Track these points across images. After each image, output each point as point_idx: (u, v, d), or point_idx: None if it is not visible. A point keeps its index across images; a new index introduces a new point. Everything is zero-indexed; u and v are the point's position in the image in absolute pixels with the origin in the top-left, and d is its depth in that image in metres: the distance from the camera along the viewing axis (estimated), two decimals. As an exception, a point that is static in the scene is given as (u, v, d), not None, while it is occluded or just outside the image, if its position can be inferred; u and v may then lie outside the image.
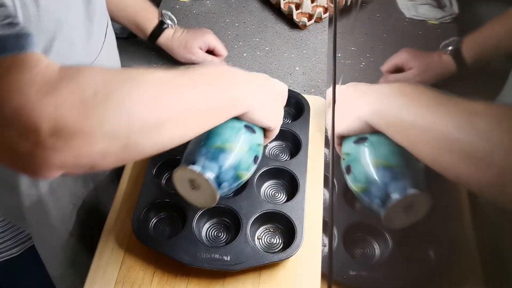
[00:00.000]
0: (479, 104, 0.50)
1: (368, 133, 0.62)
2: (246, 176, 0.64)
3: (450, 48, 0.76)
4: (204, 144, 0.62)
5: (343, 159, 0.64)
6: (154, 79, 0.50)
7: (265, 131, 0.67)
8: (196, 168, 0.59)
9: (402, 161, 0.59)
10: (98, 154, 0.44)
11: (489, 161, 0.46)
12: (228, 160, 0.61)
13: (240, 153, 0.63)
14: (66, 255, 0.82)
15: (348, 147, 0.64)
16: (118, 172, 0.85)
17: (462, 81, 0.75)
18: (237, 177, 0.63)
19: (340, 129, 0.65)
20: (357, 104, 0.62)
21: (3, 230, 0.77)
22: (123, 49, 0.83)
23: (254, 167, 0.66)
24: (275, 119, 0.67)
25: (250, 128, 0.65)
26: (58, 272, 0.84)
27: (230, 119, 0.62)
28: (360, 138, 0.63)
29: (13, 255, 0.80)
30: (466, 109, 0.51)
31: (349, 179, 0.62)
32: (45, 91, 0.41)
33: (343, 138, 0.66)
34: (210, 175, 0.59)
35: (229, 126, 0.63)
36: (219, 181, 0.60)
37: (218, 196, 0.60)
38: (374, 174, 0.59)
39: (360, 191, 0.61)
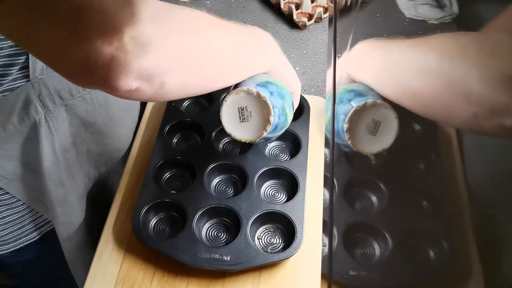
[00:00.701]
0: (434, 35, 0.56)
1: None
2: (289, 114, 0.69)
3: None
4: (248, 80, 0.64)
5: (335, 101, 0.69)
6: (196, 15, 0.59)
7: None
8: (251, 87, 0.61)
9: (369, 91, 0.63)
10: (169, 64, 0.49)
11: (448, 72, 0.50)
12: (275, 90, 0.65)
13: (283, 89, 0.67)
14: (81, 234, 0.86)
15: (340, 92, 0.69)
16: (126, 160, 0.86)
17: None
18: (283, 110, 0.66)
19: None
20: (343, 61, 0.69)
21: (23, 214, 0.79)
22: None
23: (291, 115, 0.71)
24: (298, 80, 0.75)
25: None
26: (74, 253, 0.87)
27: (262, 74, 0.67)
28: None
29: (31, 240, 0.82)
30: (424, 38, 0.56)
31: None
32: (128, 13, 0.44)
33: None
34: (263, 93, 0.61)
35: (265, 75, 0.67)
36: (272, 104, 0.62)
37: (271, 119, 0.62)
38: (342, 97, 0.63)
39: (329, 120, 0.64)
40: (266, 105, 0.62)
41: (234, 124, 0.64)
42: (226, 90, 0.67)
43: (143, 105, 0.95)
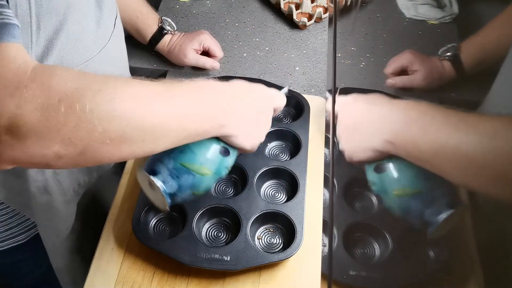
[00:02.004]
0: (495, 121, 0.49)
1: (385, 159, 0.60)
2: (201, 194, 0.66)
3: (448, 54, 0.76)
4: (173, 157, 0.61)
5: (370, 186, 0.63)
6: (132, 92, 0.50)
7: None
8: (156, 180, 0.60)
9: (429, 183, 0.57)
10: (51, 156, 0.46)
11: None
12: (190, 182, 0.62)
13: (205, 177, 0.63)
14: (71, 244, 0.83)
15: (370, 175, 0.62)
16: (122, 164, 0.86)
17: (463, 83, 0.75)
18: (192, 195, 0.64)
19: (354, 157, 0.62)
20: (370, 132, 0.59)
21: (9, 216, 0.78)
22: (123, 49, 0.83)
23: (212, 186, 0.68)
24: (255, 142, 0.66)
25: (225, 151, 0.64)
26: (62, 263, 0.85)
27: (207, 139, 0.61)
28: (379, 165, 0.61)
29: (19, 242, 0.81)
30: (486, 129, 0.49)
31: (384, 203, 0.62)
32: (11, 89, 0.43)
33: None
34: (167, 189, 0.60)
35: (205, 146, 0.62)
36: (174, 197, 0.61)
37: (167, 209, 0.62)
38: (407, 203, 0.58)
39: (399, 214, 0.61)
40: (164, 201, 0.61)
41: (146, 188, 0.64)
42: None
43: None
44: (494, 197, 0.50)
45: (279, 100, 0.68)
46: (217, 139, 0.62)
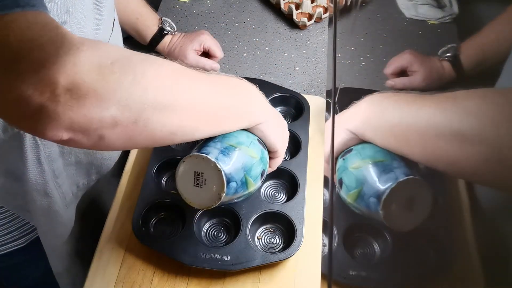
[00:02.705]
0: (457, 92, 0.51)
1: (353, 145, 0.62)
2: (252, 186, 0.64)
3: (448, 54, 0.76)
4: (218, 140, 0.61)
5: (336, 178, 0.62)
6: (173, 66, 0.52)
7: (270, 159, 0.69)
8: (210, 157, 0.57)
9: (390, 156, 0.58)
10: (108, 121, 0.45)
11: (481, 137, 0.45)
12: (241, 160, 0.61)
13: (252, 159, 0.63)
14: (70, 247, 0.83)
15: (338, 164, 0.63)
16: (121, 167, 0.85)
17: (463, 83, 0.75)
18: (245, 182, 0.61)
19: (334, 147, 0.64)
20: (342, 119, 0.63)
21: (9, 220, 0.78)
22: (123, 49, 0.83)
23: (260, 183, 0.65)
24: (283, 143, 0.69)
25: (260, 142, 0.66)
26: (62, 266, 0.85)
27: (242, 130, 0.64)
28: (346, 151, 0.63)
29: (19, 246, 0.81)
30: (448, 96, 0.51)
31: (343, 194, 0.61)
32: (66, 49, 0.43)
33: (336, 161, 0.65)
34: (223, 166, 0.57)
35: (243, 134, 0.64)
36: (229, 178, 0.58)
37: (223, 194, 0.57)
38: (363, 172, 0.58)
39: (354, 199, 0.59)
40: (221, 178, 0.57)
41: (187, 186, 0.59)
42: None
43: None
44: (450, 161, 0.51)
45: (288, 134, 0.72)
46: (251, 133, 0.65)
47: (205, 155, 0.57)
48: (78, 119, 0.44)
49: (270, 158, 0.69)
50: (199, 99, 0.54)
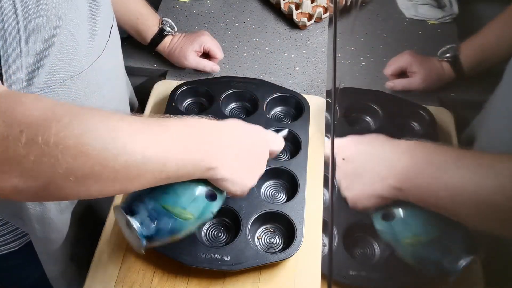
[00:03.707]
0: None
1: (393, 206, 0.55)
2: (179, 238, 0.61)
3: (448, 55, 0.76)
4: (154, 197, 0.57)
5: (379, 233, 0.58)
6: (108, 124, 0.46)
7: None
8: (134, 222, 0.56)
9: (442, 228, 0.53)
10: (9, 190, 0.43)
11: None
12: (169, 226, 0.58)
13: (187, 221, 0.59)
14: (65, 252, 0.82)
15: (377, 223, 0.58)
16: None
17: (463, 85, 0.75)
18: (170, 238, 0.60)
19: (358, 204, 0.58)
20: (373, 178, 0.55)
21: (2, 224, 0.77)
22: (123, 49, 0.83)
23: (193, 231, 0.63)
24: (246, 188, 0.62)
25: (212, 194, 0.60)
26: (56, 270, 0.84)
27: (194, 180, 0.57)
28: (386, 213, 0.56)
29: (12, 249, 0.80)
30: (505, 168, 0.45)
31: (397, 252, 0.58)
32: None
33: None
34: (144, 232, 0.56)
35: (190, 188, 0.58)
36: (150, 239, 0.57)
37: (142, 252, 0.58)
38: (421, 251, 0.53)
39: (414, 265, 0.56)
40: (139, 242, 0.56)
41: (123, 225, 0.59)
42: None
43: (143, 106, 0.95)
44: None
45: (276, 144, 0.66)
46: (204, 181, 0.59)
47: (128, 218, 0.56)
48: None
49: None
50: (130, 167, 0.47)
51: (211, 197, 0.60)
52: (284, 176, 0.80)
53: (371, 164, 0.57)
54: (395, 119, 0.83)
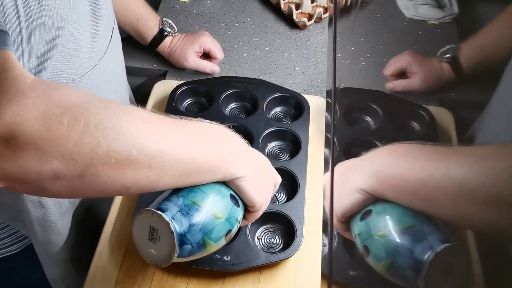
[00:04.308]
0: (486, 147, 0.47)
1: (370, 205, 0.56)
2: (212, 248, 0.57)
3: (447, 55, 0.76)
4: (182, 194, 0.56)
5: (357, 242, 0.57)
6: (140, 115, 0.47)
7: (246, 211, 0.62)
8: (165, 216, 0.52)
9: (417, 219, 0.52)
10: (48, 174, 0.42)
11: None
12: (201, 221, 0.55)
13: (216, 219, 0.56)
14: (65, 255, 0.82)
15: (356, 227, 0.57)
16: None
17: (463, 85, 0.75)
18: (202, 244, 0.56)
19: (341, 210, 0.58)
20: (352, 178, 0.57)
21: (2, 227, 0.77)
22: (123, 49, 0.83)
23: (223, 243, 0.59)
24: (263, 200, 0.61)
25: (234, 198, 0.59)
26: (56, 273, 0.84)
27: (216, 182, 0.58)
28: (364, 212, 0.56)
29: (12, 252, 0.80)
30: (476, 154, 0.47)
31: (370, 262, 0.56)
32: (10, 96, 0.41)
33: (348, 220, 0.59)
34: (177, 228, 0.52)
35: (215, 188, 0.58)
36: (183, 240, 0.53)
37: (174, 257, 0.53)
38: (392, 242, 0.52)
39: (387, 269, 0.54)
40: (173, 241, 0.52)
41: (142, 238, 0.54)
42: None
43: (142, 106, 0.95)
44: (487, 225, 0.47)
45: (277, 176, 0.66)
46: (226, 186, 0.59)
47: (160, 213, 0.52)
48: (12, 171, 0.41)
49: (248, 211, 0.62)
50: (164, 153, 0.48)
51: (235, 201, 0.59)
52: (284, 176, 0.80)
53: (353, 166, 0.59)
54: (395, 119, 0.83)
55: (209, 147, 0.54)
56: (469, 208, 0.46)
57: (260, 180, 0.61)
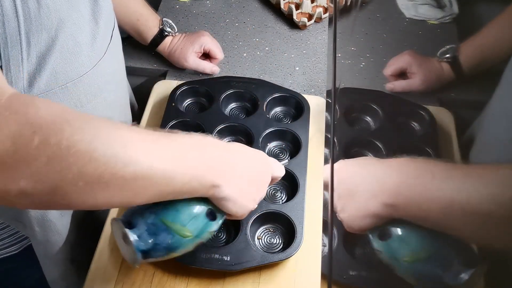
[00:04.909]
0: (504, 169, 0.45)
1: (387, 225, 0.55)
2: (176, 255, 0.60)
3: (447, 55, 0.76)
4: (154, 211, 0.57)
5: (377, 254, 0.57)
6: (121, 132, 0.47)
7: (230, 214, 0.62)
8: (131, 235, 0.55)
9: (441, 241, 0.52)
10: (15, 192, 0.42)
11: None
12: (167, 241, 0.57)
13: (185, 239, 0.58)
14: (65, 255, 0.82)
15: (376, 243, 0.57)
16: None
17: (463, 85, 0.75)
18: (166, 255, 0.59)
19: (353, 226, 0.58)
20: (363, 198, 0.55)
21: (2, 227, 0.77)
22: (123, 49, 0.83)
23: (190, 250, 0.62)
24: (246, 210, 0.62)
25: (212, 214, 0.60)
26: (56, 274, 0.84)
27: (195, 198, 0.57)
28: (383, 232, 0.55)
29: (12, 253, 0.80)
30: (494, 176, 0.46)
31: (397, 271, 0.56)
32: None
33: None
34: (141, 246, 0.55)
35: (191, 206, 0.58)
36: (146, 254, 0.56)
37: (137, 265, 0.57)
38: (420, 268, 0.52)
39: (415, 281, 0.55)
40: (135, 256, 0.56)
41: (118, 237, 0.58)
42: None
43: (142, 106, 0.95)
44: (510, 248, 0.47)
45: (278, 169, 0.66)
46: (205, 200, 0.59)
47: (126, 231, 0.55)
48: None
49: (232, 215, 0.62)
50: (138, 178, 0.47)
51: (211, 216, 0.60)
52: (284, 176, 0.80)
53: (363, 184, 0.57)
54: (395, 119, 0.83)
55: (189, 169, 0.53)
56: (490, 233, 0.46)
57: (246, 191, 0.60)
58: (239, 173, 0.59)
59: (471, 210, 0.45)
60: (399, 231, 0.54)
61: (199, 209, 0.59)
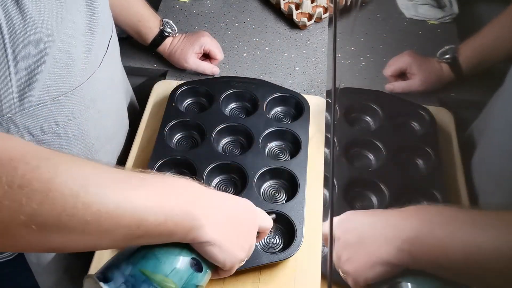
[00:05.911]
0: None
1: (399, 277, 0.50)
2: None
3: (447, 56, 0.76)
4: (132, 261, 0.51)
5: None
6: (78, 172, 0.43)
7: (218, 267, 0.57)
8: (110, 286, 0.49)
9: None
10: None
11: None
12: None
13: None
14: (58, 265, 0.81)
15: None
16: (122, 164, 0.85)
17: (463, 85, 0.75)
18: None
19: (361, 278, 0.53)
20: (377, 244, 0.51)
21: None
22: (123, 49, 0.83)
23: None
24: (235, 260, 0.56)
25: (197, 264, 0.54)
26: (50, 282, 0.83)
27: (177, 245, 0.52)
28: (393, 285, 0.51)
29: (5, 259, 0.80)
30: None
31: None
32: None
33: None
34: None
35: (173, 254, 0.52)
36: None
37: None
38: None
39: None
40: None
41: None
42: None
43: (143, 106, 0.95)
44: None
45: (265, 220, 0.62)
46: (189, 249, 0.53)
47: (102, 284, 0.48)
48: None
49: (219, 268, 0.57)
50: (102, 219, 0.43)
51: (196, 266, 0.54)
52: (284, 176, 0.80)
53: (374, 230, 0.54)
54: (395, 119, 0.83)
55: (164, 208, 0.48)
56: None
57: (232, 236, 0.55)
58: (224, 216, 0.54)
59: (497, 258, 0.43)
60: (413, 282, 0.50)
61: (182, 257, 0.52)
